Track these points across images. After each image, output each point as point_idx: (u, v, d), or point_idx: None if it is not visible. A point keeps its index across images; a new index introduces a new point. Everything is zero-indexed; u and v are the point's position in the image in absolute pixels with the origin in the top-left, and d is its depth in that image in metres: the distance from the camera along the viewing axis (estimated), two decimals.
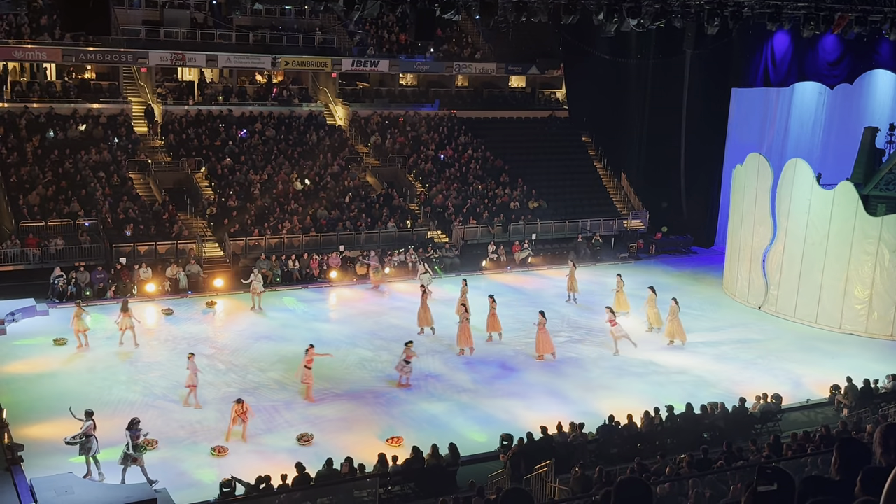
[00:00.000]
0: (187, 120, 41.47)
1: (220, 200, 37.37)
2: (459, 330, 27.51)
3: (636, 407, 22.12)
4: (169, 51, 41.11)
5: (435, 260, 36.88)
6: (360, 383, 24.93)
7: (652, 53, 42.73)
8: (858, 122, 39.72)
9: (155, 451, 20.02)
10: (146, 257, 33.27)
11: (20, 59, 39.85)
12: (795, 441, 18.50)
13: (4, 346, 26.29)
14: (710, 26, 28.87)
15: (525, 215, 41.29)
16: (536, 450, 19.10)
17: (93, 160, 37.29)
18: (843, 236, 30.75)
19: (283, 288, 33.70)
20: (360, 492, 17.57)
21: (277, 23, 45.72)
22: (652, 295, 30.13)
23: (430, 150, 44.29)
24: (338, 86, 46.41)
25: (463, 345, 27.34)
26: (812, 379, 26.25)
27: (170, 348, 27.15)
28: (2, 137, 36.87)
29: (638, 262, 40.53)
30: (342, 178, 40.59)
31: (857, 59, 39.43)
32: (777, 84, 40.60)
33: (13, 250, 32.07)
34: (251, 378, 24.88)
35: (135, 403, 22.63)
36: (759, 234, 33.55)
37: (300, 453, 19.84)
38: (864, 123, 37.15)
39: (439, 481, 18.47)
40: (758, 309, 33.46)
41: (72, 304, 28.22)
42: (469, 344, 27.32)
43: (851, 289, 30.81)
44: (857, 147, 34.91)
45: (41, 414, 21.72)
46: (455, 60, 47.75)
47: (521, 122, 48.35)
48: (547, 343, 27.02)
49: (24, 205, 34.09)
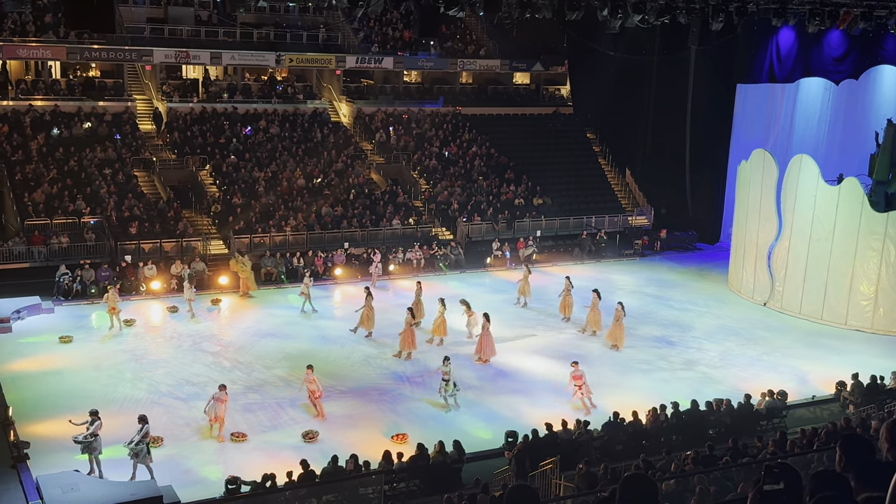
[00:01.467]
0: (192, 117, 41.49)
1: (225, 198, 37.39)
2: (404, 333, 26.50)
3: (641, 404, 22.09)
4: (173, 48, 41.14)
5: (439, 257, 36.89)
6: (364, 380, 24.94)
7: (657, 49, 42.66)
8: (864, 117, 39.63)
9: (160, 448, 20.05)
10: (151, 255, 33.31)
11: (25, 56, 39.88)
12: (804, 437, 18.45)
13: (10, 344, 26.33)
14: (714, 22, 28.81)
15: (529, 212, 41.26)
16: (541, 447, 19.08)
17: (98, 158, 37.34)
18: (849, 232, 30.67)
19: (287, 285, 33.69)
20: (365, 489, 17.58)
21: (282, 20, 45.71)
22: (596, 299, 28.95)
23: (435, 147, 44.27)
24: (342, 83, 46.42)
25: (405, 348, 26.46)
26: (817, 375, 26.21)
27: (175, 346, 27.18)
28: (7, 135, 36.92)
29: (643, 258, 40.50)
30: (346, 175, 40.59)
31: (863, 54, 39.30)
32: (782, 80, 40.50)
33: (19, 248, 32.12)
34: (256, 375, 24.90)
35: (140, 401, 22.66)
36: (765, 230, 33.49)
37: (305, 450, 19.85)
38: (870, 119, 37.08)
39: (444, 478, 18.47)
40: (763, 305, 33.41)
41: (77, 302, 28.31)
42: (412, 347, 26.43)
43: (857, 285, 30.74)
44: (863, 143, 34.80)
45: (47, 412, 21.74)
46: (459, 57, 47.72)
47: (526, 119, 48.29)
48: (490, 346, 26.26)
49: (30, 202, 34.14)
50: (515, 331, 29.45)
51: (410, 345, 26.51)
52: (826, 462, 14.63)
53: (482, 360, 26.31)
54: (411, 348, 26.51)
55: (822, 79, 40.55)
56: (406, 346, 26.50)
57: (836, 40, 39.02)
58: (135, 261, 32.61)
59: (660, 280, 36.85)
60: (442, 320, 27.72)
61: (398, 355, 26.49)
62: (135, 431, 18.50)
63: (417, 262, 36.42)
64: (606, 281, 36.31)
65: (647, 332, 29.81)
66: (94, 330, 28.29)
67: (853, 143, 38.82)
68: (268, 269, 34.15)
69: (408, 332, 26.50)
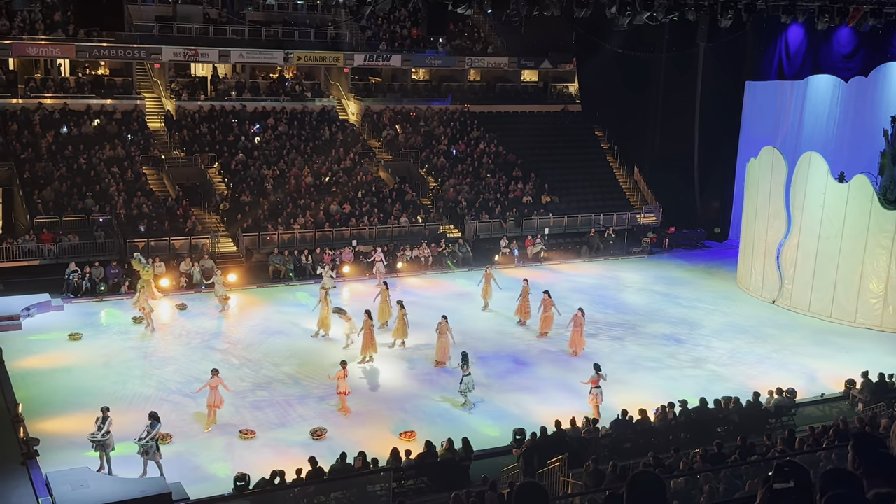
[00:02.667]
0: (200, 115, 41.57)
1: (234, 196, 37.47)
2: (364, 336, 25.87)
3: (649, 401, 22.08)
4: (182, 46, 41.26)
5: (447, 254, 36.90)
6: (372, 378, 24.95)
7: (665, 47, 42.54)
8: (873, 115, 39.37)
9: (169, 445, 20.12)
10: (160, 252, 33.40)
11: (34, 55, 40.01)
12: (813, 435, 18.41)
13: (20, 341, 26.41)
14: (723, 19, 28.71)
15: (537, 210, 41.23)
16: (549, 444, 19.07)
17: (107, 156, 37.45)
18: (858, 230, 30.57)
19: (295, 283, 33.73)
20: (373, 486, 17.59)
21: (290, 18, 45.76)
22: (547, 299, 28.29)
23: (443, 144, 44.27)
24: (350, 81, 46.45)
25: (366, 352, 25.90)
26: (826, 373, 26.13)
27: (184, 343, 27.25)
28: (16, 133, 37.06)
29: (651, 256, 40.43)
30: (355, 172, 40.63)
31: (872, 51, 39.10)
32: (791, 77, 40.38)
33: (28, 245, 32.25)
34: (264, 373, 24.94)
35: (149, 398, 22.71)
36: (774, 227, 33.39)
37: (314, 448, 19.87)
38: (879, 116, 36.81)
39: (452, 475, 18.48)
40: (772, 303, 33.33)
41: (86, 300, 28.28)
42: (373, 350, 25.89)
43: (866, 283, 30.63)
44: (872, 140, 34.57)
45: (56, 408, 21.84)
46: (467, 55, 47.71)
47: (534, 117, 48.23)
48: (445, 351, 25.76)
49: (39, 200, 34.27)
50: (520, 328, 29.46)
51: (371, 348, 25.73)
52: (835, 460, 14.60)
53: (439, 363, 25.74)
54: (372, 351, 25.75)
55: (832, 76, 40.37)
56: (367, 349, 25.71)
57: (845, 37, 38.85)
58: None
59: (668, 278, 36.78)
60: (402, 323, 27.10)
61: (362, 361, 25.66)
62: (144, 427, 18.54)
63: (425, 259, 36.41)
64: (614, 278, 36.32)
65: (655, 330, 29.78)
66: (103, 327, 28.39)
67: (862, 140, 38.57)
68: (276, 266, 34.18)
69: (367, 335, 25.66)
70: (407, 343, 27.23)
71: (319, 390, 23.81)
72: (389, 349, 26.86)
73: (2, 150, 36.20)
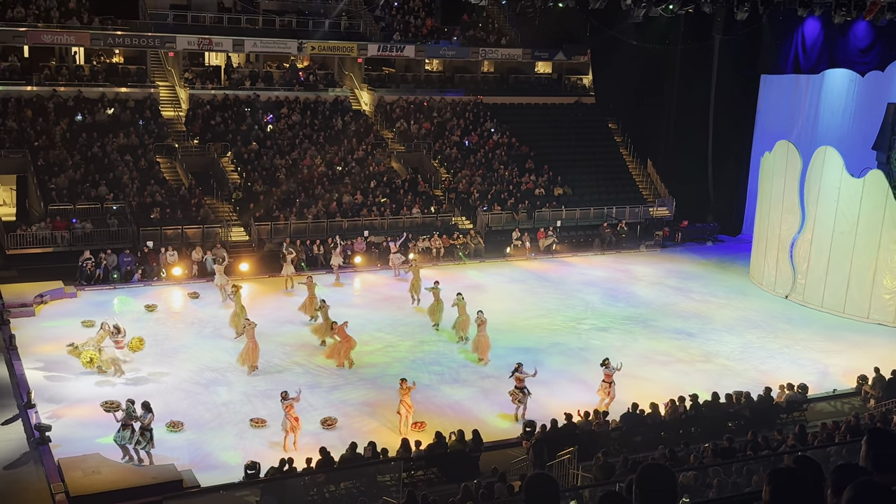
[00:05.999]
0: (214, 105, 41.62)
1: (246, 185, 37.53)
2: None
3: (660, 395, 22.04)
4: (196, 35, 41.26)
5: (459, 246, 36.87)
6: (383, 368, 24.99)
7: (680, 39, 42.34)
8: None
9: (181, 432, 20.22)
10: (173, 240, 33.51)
11: (49, 42, 40.08)
12: (824, 430, 18.34)
13: (33, 328, 26.57)
14: (739, 12, 28.59)
15: (550, 202, 41.14)
16: (559, 436, 19.07)
17: (120, 144, 37.55)
18: (873, 225, 30.39)
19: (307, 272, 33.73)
20: (383, 476, 17.62)
21: (304, 7, 45.73)
22: (459, 300, 27.17)
23: (456, 135, 44.19)
24: (363, 71, 46.40)
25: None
26: (839, 369, 26.02)
27: (196, 332, 27.35)
28: (31, 121, 37.19)
29: (664, 249, 40.32)
30: (367, 163, 40.62)
31: (889, 45, 38.75)
32: (807, 71, 40.11)
33: (42, 233, 32.40)
34: (276, 362, 25.00)
35: (161, 385, 22.82)
36: (787, 222, 33.24)
37: (324, 437, 19.94)
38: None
39: (462, 466, 18.51)
40: (785, 298, 33.19)
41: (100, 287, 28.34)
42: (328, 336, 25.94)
43: (880, 278, 30.46)
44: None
45: (68, 394, 21.96)
46: (481, 46, 47.57)
47: (548, 109, 48.10)
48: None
49: (53, 188, 34.41)
50: (539, 317, 29.45)
51: (327, 333, 26.02)
52: (846, 456, 14.54)
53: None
54: (328, 336, 25.93)
55: (848, 70, 40.05)
56: (322, 333, 26.30)
57: (862, 31, 38.53)
58: (156, 246, 32.82)
59: (680, 271, 36.67)
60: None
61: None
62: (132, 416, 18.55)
63: (437, 251, 36.39)
64: (626, 272, 36.22)
65: (667, 324, 29.71)
66: (116, 314, 28.47)
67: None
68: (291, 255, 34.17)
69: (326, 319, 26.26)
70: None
71: (330, 380, 23.90)
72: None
73: (16, 138, 36.34)
